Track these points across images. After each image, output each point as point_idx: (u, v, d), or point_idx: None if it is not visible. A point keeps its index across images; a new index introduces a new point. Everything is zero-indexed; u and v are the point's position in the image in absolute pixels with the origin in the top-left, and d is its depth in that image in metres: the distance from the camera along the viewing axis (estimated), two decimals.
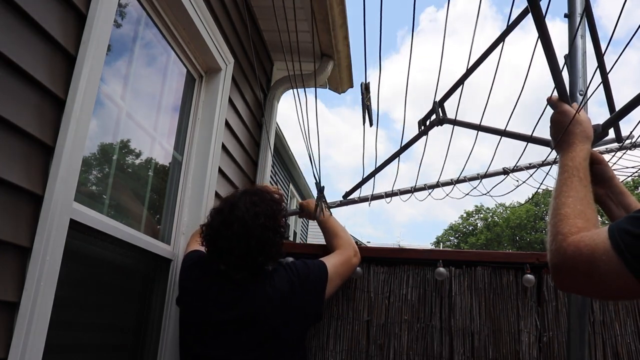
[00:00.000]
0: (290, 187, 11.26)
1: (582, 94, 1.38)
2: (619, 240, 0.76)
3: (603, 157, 1.23)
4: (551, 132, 1.18)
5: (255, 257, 1.56)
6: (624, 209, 1.13)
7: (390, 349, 2.03)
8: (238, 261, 1.56)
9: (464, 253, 2.35)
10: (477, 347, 1.97)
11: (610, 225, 0.80)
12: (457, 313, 2.02)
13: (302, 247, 2.89)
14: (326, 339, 2.09)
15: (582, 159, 1.02)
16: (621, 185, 1.18)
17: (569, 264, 0.83)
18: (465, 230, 38.07)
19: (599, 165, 1.20)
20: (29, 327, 1.10)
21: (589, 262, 0.80)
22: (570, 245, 0.84)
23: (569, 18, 1.46)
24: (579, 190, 0.95)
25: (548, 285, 1.99)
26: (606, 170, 1.19)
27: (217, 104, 2.30)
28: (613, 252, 0.76)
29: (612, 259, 0.76)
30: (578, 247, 0.82)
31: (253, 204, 1.59)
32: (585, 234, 0.84)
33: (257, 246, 1.54)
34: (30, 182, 1.14)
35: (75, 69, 1.26)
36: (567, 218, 0.89)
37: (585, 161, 1.02)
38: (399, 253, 2.30)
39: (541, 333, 1.95)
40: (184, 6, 1.89)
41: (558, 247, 0.86)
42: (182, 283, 1.71)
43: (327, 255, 1.90)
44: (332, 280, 1.77)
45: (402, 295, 2.09)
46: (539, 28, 1.02)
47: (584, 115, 1.14)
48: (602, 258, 0.78)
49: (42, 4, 1.15)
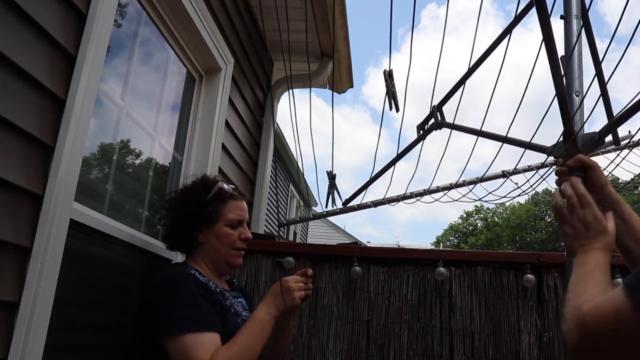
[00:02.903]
0: (290, 187, 11.26)
1: (578, 95, 1.38)
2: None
3: (596, 163, 1.20)
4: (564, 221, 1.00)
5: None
6: (618, 216, 1.10)
7: (390, 349, 2.03)
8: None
9: (464, 253, 2.35)
10: (477, 347, 1.97)
11: (624, 281, 0.72)
12: (457, 313, 2.02)
13: (302, 247, 2.89)
14: (326, 339, 2.09)
15: (606, 258, 0.90)
16: (615, 192, 1.15)
17: (591, 335, 0.73)
18: (465, 230, 38.06)
19: (591, 172, 1.18)
20: (29, 327, 1.10)
21: (615, 325, 0.70)
22: (588, 315, 0.74)
23: (564, 20, 1.47)
24: (601, 281, 0.83)
25: (548, 285, 1.99)
26: (599, 177, 1.16)
27: (217, 104, 2.30)
28: (639, 305, 0.68)
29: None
30: (597, 314, 0.73)
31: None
32: (600, 299, 0.75)
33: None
34: (30, 182, 1.14)
35: (75, 69, 1.26)
36: (580, 294, 0.80)
37: (608, 259, 0.90)
38: (399, 253, 2.30)
39: (541, 333, 1.95)
40: (184, 6, 1.89)
41: (576, 321, 0.75)
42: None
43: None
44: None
45: (402, 295, 2.09)
46: (543, 28, 1.02)
47: (611, 224, 0.99)
48: (628, 315, 0.68)
49: (42, 4, 1.15)
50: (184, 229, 1.51)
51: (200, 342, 1.24)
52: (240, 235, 1.53)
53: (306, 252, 2.24)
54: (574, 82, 1.39)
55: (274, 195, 9.52)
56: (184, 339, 1.24)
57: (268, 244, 2.27)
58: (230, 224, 1.51)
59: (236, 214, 1.53)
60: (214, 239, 1.50)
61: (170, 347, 1.26)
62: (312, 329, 2.09)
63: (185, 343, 1.23)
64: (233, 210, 1.53)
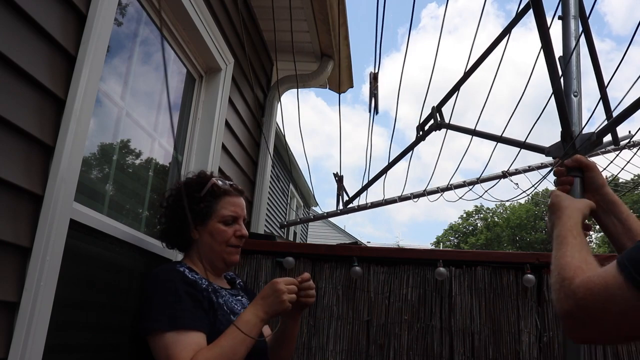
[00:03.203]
0: (290, 187, 11.26)
1: (576, 95, 1.38)
2: (632, 272, 0.71)
3: (594, 164, 1.21)
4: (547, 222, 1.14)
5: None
6: (615, 217, 1.11)
7: (390, 349, 2.03)
8: None
9: (464, 253, 2.35)
10: (477, 347, 1.97)
11: (618, 259, 0.76)
12: (457, 313, 2.02)
13: (302, 247, 2.89)
14: (326, 339, 2.09)
15: (574, 223, 0.99)
16: (612, 193, 1.16)
17: (582, 307, 0.77)
18: (465, 230, 38.08)
19: (589, 172, 1.18)
20: (29, 327, 1.10)
21: (603, 300, 0.74)
22: (579, 287, 0.78)
23: (562, 20, 1.47)
24: (574, 244, 0.92)
25: (548, 285, 1.99)
26: (597, 178, 1.17)
27: (217, 104, 2.30)
28: (628, 284, 0.71)
29: (628, 293, 0.71)
30: (588, 288, 0.77)
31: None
32: (592, 273, 0.79)
33: None
34: (30, 182, 1.14)
35: (75, 69, 1.26)
36: (569, 265, 0.85)
37: (577, 224, 0.99)
38: (399, 253, 2.30)
39: (541, 333, 1.95)
40: (184, 6, 1.89)
41: (566, 292, 0.80)
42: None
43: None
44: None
45: (402, 295, 2.09)
46: (540, 29, 1.02)
47: (574, 199, 1.11)
48: (616, 293, 0.72)
49: (42, 4, 1.15)
50: (179, 226, 1.49)
51: (182, 341, 1.21)
52: (236, 232, 1.49)
53: (306, 252, 2.24)
54: (572, 83, 1.40)
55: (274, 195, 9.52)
56: (165, 338, 1.21)
57: (268, 244, 2.27)
58: (223, 221, 1.48)
59: (230, 210, 1.49)
60: (207, 236, 1.47)
61: (152, 345, 1.24)
62: (312, 329, 2.09)
63: (167, 342, 1.21)
64: (226, 206, 1.49)
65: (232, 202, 1.51)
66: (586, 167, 1.18)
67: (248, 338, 1.26)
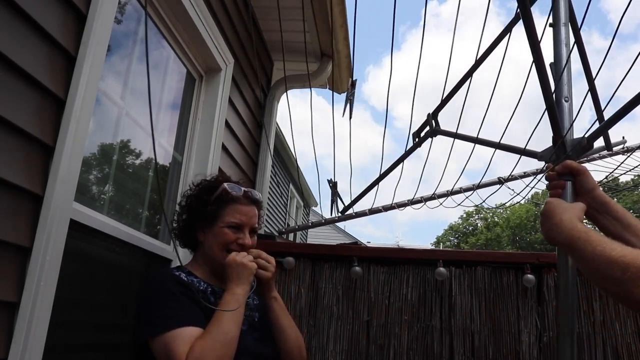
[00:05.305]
0: (290, 187, 11.26)
1: (567, 100, 1.39)
2: None
3: (584, 168, 1.22)
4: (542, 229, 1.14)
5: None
6: (611, 216, 1.13)
7: (390, 349, 2.03)
8: None
9: (464, 253, 2.36)
10: (477, 347, 1.97)
11: None
12: (457, 313, 2.02)
13: (302, 247, 2.89)
14: (326, 339, 2.09)
15: (579, 223, 1.00)
16: (604, 194, 1.18)
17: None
18: (465, 230, 38.07)
19: (579, 176, 1.20)
20: (29, 327, 1.10)
21: None
22: (630, 265, 0.81)
23: (553, 27, 1.47)
24: (600, 239, 0.92)
25: (548, 285, 1.99)
26: (588, 181, 1.19)
27: (217, 104, 2.30)
28: None
29: None
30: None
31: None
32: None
33: None
34: (30, 182, 1.14)
35: (75, 69, 1.26)
36: (627, 255, 0.85)
37: (582, 224, 1.00)
38: (399, 253, 2.30)
39: (541, 333, 1.95)
40: (184, 6, 1.89)
41: (629, 275, 0.81)
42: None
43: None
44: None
45: (402, 295, 2.09)
46: (529, 36, 1.02)
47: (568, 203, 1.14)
48: None
49: (42, 4, 1.15)
50: (190, 225, 1.51)
51: (179, 337, 1.22)
52: (238, 240, 1.47)
53: (306, 252, 2.24)
54: (563, 88, 1.40)
55: (274, 195, 9.52)
56: (163, 339, 1.23)
57: (268, 244, 2.27)
58: (228, 227, 1.47)
59: (236, 217, 1.47)
60: (211, 237, 1.47)
61: (153, 348, 1.26)
62: (312, 329, 2.09)
63: (165, 341, 1.22)
64: (232, 213, 1.48)
65: (239, 210, 1.49)
66: (577, 172, 1.20)
67: (233, 313, 1.28)
